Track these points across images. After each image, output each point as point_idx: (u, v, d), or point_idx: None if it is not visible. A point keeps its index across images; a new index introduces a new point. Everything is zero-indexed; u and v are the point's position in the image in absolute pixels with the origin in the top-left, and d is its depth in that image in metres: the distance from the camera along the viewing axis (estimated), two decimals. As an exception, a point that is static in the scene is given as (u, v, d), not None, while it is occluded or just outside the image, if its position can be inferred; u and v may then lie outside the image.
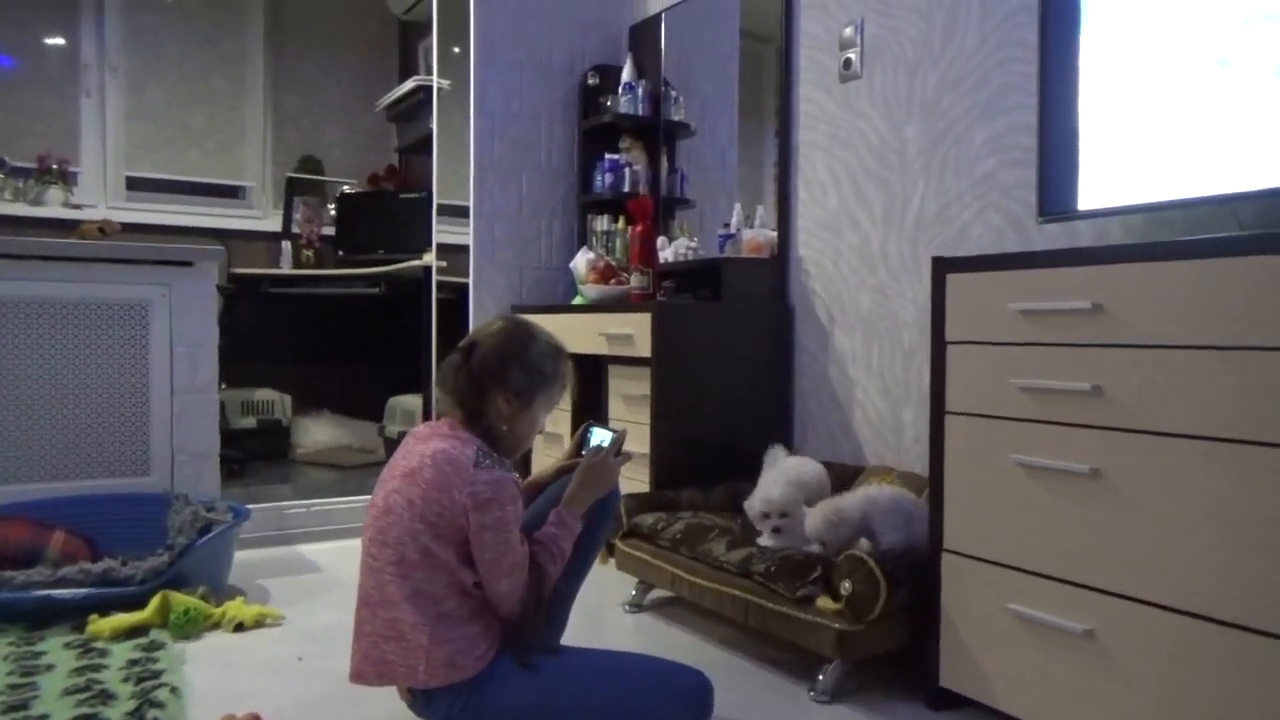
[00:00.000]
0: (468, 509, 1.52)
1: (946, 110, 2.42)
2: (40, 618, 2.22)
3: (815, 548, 2.05)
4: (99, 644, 2.10)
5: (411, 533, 1.54)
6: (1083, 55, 1.83)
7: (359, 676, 1.59)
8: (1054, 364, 1.59)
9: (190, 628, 2.19)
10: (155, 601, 2.22)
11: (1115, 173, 1.78)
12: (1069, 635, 1.55)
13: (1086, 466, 1.52)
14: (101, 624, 2.15)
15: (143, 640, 2.12)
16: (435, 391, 1.71)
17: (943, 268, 1.80)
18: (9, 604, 2.19)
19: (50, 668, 1.95)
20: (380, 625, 1.56)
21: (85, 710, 1.73)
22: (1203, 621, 1.37)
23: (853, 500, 2.04)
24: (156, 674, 1.90)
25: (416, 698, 1.60)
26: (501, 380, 1.64)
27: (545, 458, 3.13)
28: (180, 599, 2.23)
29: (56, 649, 2.07)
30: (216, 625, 2.26)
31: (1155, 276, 1.43)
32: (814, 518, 2.01)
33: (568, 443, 1.90)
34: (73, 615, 2.22)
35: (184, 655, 2.06)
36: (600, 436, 1.80)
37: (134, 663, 1.98)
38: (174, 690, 1.81)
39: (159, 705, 1.72)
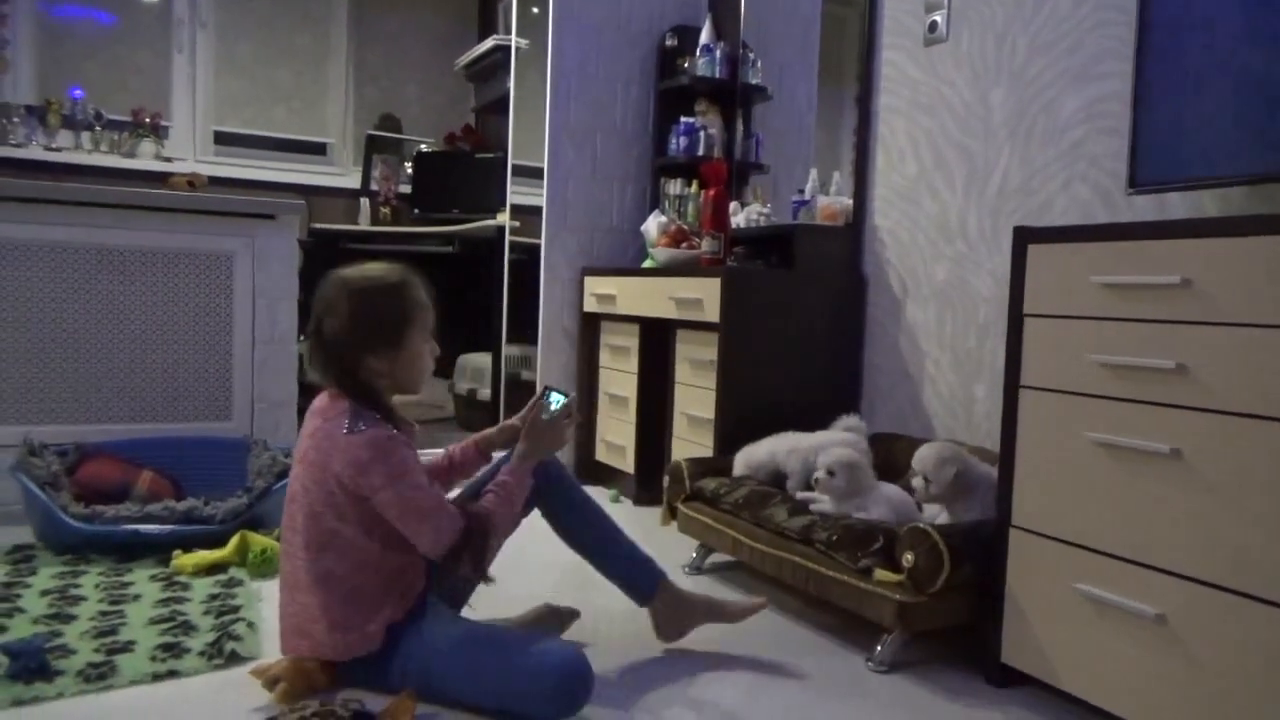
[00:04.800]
0: (355, 477, 1.54)
1: (1036, 76, 2.34)
2: (128, 551, 2.34)
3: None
4: (182, 578, 2.20)
5: (312, 515, 1.58)
6: (1184, 19, 1.75)
7: (290, 650, 1.63)
8: (1137, 340, 1.54)
9: (266, 567, 2.28)
10: (234, 541, 2.31)
11: (1211, 144, 1.70)
12: (1139, 618, 1.51)
13: (1167, 447, 1.47)
14: (184, 559, 2.25)
15: (222, 577, 2.22)
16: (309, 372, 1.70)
17: (1025, 238, 1.75)
18: (100, 536, 2.31)
19: (137, 598, 2.06)
20: (298, 608, 1.61)
21: (169, 639, 1.81)
22: (1282, 611, 1.32)
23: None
24: (234, 609, 1.99)
25: (340, 670, 1.62)
26: (360, 344, 1.62)
27: (608, 420, 3.14)
28: (258, 539, 2.32)
29: (143, 580, 2.18)
30: (291, 566, 2.35)
31: (1249, 252, 1.37)
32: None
33: (633, 406, 1.91)
34: (158, 550, 2.33)
35: (260, 593, 2.15)
36: (556, 400, 1.83)
37: (214, 597, 2.07)
38: (250, 625, 1.89)
39: (237, 638, 1.79)
